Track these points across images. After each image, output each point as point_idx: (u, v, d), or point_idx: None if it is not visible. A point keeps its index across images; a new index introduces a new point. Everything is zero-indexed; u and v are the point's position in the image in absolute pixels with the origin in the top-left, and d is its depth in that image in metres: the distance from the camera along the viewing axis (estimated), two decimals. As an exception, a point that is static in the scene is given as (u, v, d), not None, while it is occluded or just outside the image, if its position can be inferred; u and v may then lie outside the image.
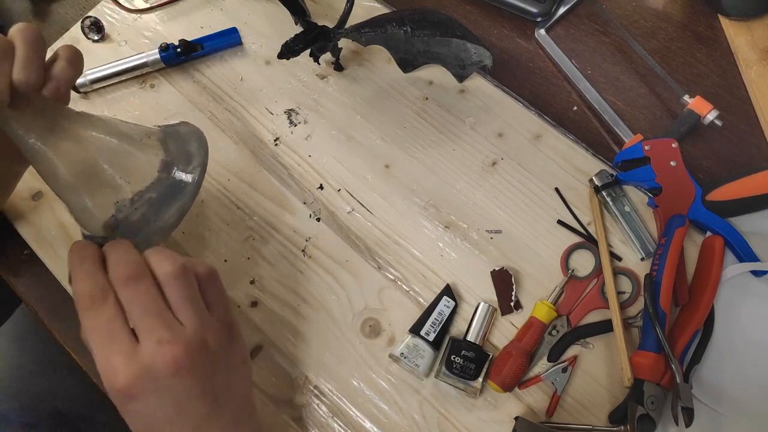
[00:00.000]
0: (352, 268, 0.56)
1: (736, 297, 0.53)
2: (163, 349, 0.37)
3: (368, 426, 0.51)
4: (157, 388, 0.37)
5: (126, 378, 0.37)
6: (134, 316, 0.38)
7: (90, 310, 0.38)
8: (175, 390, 0.38)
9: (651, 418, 0.46)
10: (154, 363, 0.37)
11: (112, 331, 0.37)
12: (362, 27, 0.56)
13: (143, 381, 0.37)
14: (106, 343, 0.37)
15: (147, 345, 0.37)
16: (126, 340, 0.37)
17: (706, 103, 0.60)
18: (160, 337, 0.37)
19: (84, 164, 0.45)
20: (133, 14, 0.70)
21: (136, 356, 0.37)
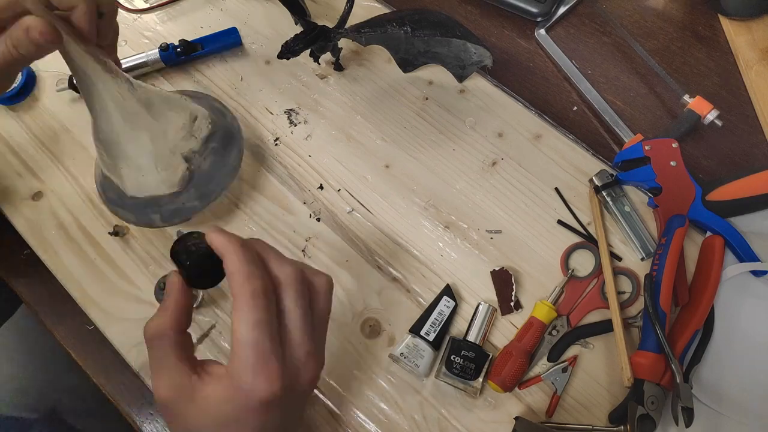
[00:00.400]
0: (352, 268, 0.56)
1: (736, 297, 0.53)
2: (309, 363, 0.35)
3: (368, 426, 0.51)
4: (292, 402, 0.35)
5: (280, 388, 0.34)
6: (293, 322, 0.35)
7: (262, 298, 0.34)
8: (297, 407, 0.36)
9: (651, 418, 0.46)
10: (299, 377, 0.35)
11: (274, 331, 0.34)
12: (362, 27, 0.56)
13: (288, 392, 0.34)
14: (267, 346, 0.34)
15: (296, 356, 0.35)
16: (278, 344, 0.35)
17: (706, 103, 0.60)
18: (309, 350, 0.35)
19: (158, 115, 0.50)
20: (133, 14, 0.70)
21: (287, 367, 0.34)
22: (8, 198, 0.59)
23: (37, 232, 0.58)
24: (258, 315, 0.34)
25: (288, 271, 0.36)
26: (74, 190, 0.60)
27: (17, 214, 0.59)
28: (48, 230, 0.58)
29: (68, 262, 0.57)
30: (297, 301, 0.36)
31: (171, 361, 0.35)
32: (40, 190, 0.60)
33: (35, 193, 0.60)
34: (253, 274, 0.35)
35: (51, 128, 0.63)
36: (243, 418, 0.34)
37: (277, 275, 0.36)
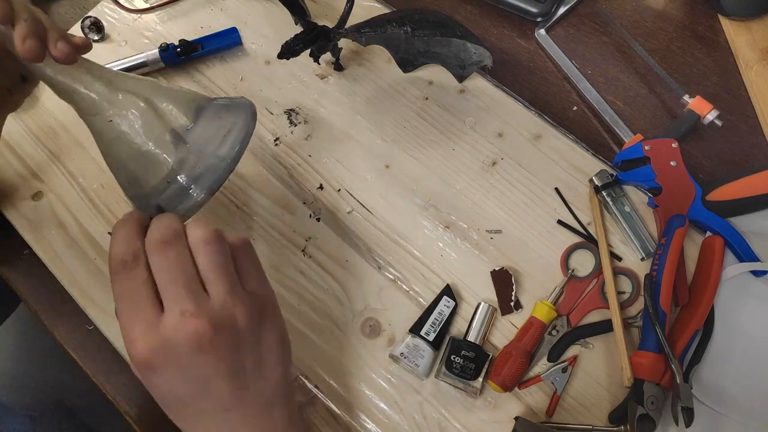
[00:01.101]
0: (352, 268, 0.56)
1: (736, 297, 0.53)
2: (186, 321, 0.35)
3: (368, 426, 0.51)
4: (178, 363, 0.36)
5: (145, 349, 0.35)
6: (161, 284, 0.36)
7: (120, 273, 0.36)
8: (197, 367, 0.36)
9: (651, 418, 0.46)
10: (175, 336, 0.35)
11: (137, 298, 0.36)
12: (362, 27, 0.56)
13: (163, 354, 0.35)
14: (131, 311, 0.36)
15: (170, 316, 0.35)
16: (150, 308, 0.36)
17: (706, 103, 0.60)
18: (184, 308, 0.35)
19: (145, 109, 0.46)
20: (133, 14, 0.70)
21: (158, 327, 0.35)
22: (8, 198, 0.59)
23: (37, 232, 0.58)
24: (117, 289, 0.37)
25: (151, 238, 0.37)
26: (74, 190, 0.60)
27: (17, 214, 0.59)
28: (48, 230, 0.58)
29: (68, 262, 0.57)
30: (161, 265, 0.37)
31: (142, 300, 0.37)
32: (40, 190, 0.60)
33: (35, 193, 0.60)
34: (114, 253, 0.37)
35: (51, 128, 0.63)
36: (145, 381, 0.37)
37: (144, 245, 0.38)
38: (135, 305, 0.36)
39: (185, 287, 0.36)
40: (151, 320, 0.35)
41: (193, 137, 0.46)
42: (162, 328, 0.35)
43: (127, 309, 0.36)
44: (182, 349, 0.35)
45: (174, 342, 0.35)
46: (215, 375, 0.36)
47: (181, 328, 0.35)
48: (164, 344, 0.35)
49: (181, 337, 0.35)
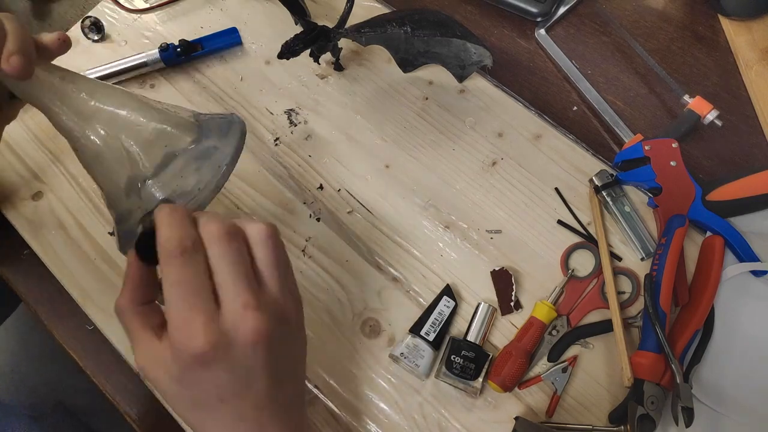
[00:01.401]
0: (352, 268, 0.56)
1: (736, 297, 0.53)
2: (248, 315, 0.34)
3: (368, 426, 0.51)
4: (233, 357, 0.34)
5: (206, 342, 0.33)
6: (222, 276, 0.35)
7: (178, 258, 0.34)
8: (248, 362, 0.35)
9: (651, 418, 0.46)
10: (236, 329, 0.34)
11: (198, 287, 0.34)
12: (362, 27, 0.56)
13: (222, 348, 0.34)
14: (189, 300, 0.34)
15: (231, 309, 0.34)
16: (210, 300, 0.34)
17: (706, 103, 0.60)
18: (247, 301, 0.34)
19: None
20: (133, 14, 0.70)
21: (218, 320, 0.34)
22: (8, 198, 0.59)
23: (37, 232, 0.58)
24: (174, 276, 0.34)
25: (211, 228, 0.35)
26: (74, 190, 0.60)
27: (17, 214, 0.59)
28: (48, 230, 0.58)
29: (68, 262, 0.57)
30: (223, 257, 0.35)
31: (135, 330, 0.36)
32: (40, 190, 0.60)
33: (35, 193, 0.60)
34: (171, 237, 0.34)
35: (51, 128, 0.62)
36: (187, 377, 0.35)
37: (201, 235, 0.35)
38: (195, 295, 0.34)
39: (247, 281, 0.35)
40: (212, 312, 0.34)
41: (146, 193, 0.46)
42: (223, 322, 0.34)
43: (186, 299, 0.34)
44: (241, 342, 0.34)
45: (234, 336, 0.34)
46: (261, 371, 0.36)
47: (243, 322, 0.34)
48: (225, 338, 0.34)
49: (241, 331, 0.34)
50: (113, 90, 0.47)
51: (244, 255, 0.36)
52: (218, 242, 0.35)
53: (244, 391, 0.36)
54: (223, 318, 0.34)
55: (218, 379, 0.35)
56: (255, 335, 0.34)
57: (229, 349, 0.34)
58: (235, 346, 0.34)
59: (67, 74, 0.45)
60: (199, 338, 0.33)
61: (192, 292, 0.34)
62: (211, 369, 0.34)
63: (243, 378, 0.35)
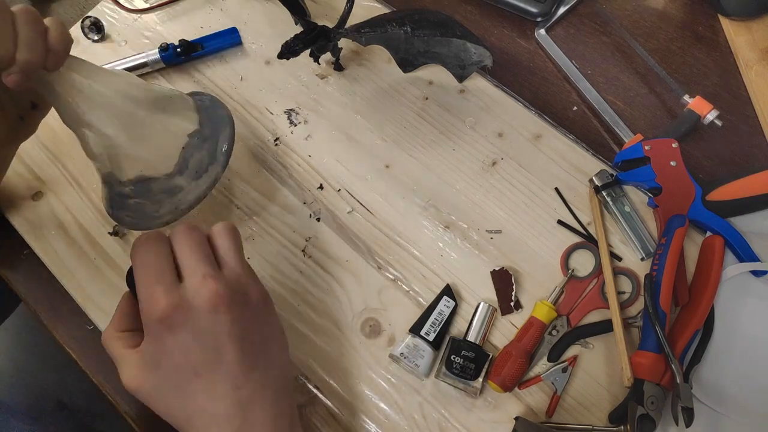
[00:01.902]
0: (352, 268, 0.56)
1: (736, 297, 0.53)
2: (206, 282, 0.38)
3: (368, 426, 0.51)
4: (196, 323, 0.38)
5: (165, 306, 0.37)
6: (183, 255, 0.39)
7: (144, 245, 0.39)
8: (212, 326, 0.38)
9: (651, 418, 0.46)
10: (195, 295, 0.38)
11: (160, 266, 0.39)
12: (362, 27, 0.56)
13: (183, 311, 0.38)
14: (152, 276, 0.38)
15: (190, 280, 0.38)
16: (171, 275, 0.39)
17: (706, 103, 0.60)
18: (205, 272, 0.39)
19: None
20: (133, 14, 0.70)
21: (179, 289, 0.38)
22: (8, 198, 0.59)
23: (37, 232, 0.58)
24: (140, 259, 0.39)
25: (175, 228, 0.41)
26: (74, 190, 0.60)
27: (17, 214, 0.59)
28: (48, 230, 0.58)
29: (68, 262, 0.57)
30: (183, 242, 0.40)
31: (119, 352, 0.41)
32: (40, 190, 0.60)
33: (35, 193, 0.60)
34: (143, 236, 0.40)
35: (51, 128, 0.63)
36: (158, 350, 0.39)
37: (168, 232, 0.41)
38: (158, 272, 0.39)
39: (206, 259, 0.40)
40: (172, 283, 0.38)
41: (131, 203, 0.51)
42: (183, 289, 0.38)
43: (149, 273, 0.39)
44: (201, 308, 0.38)
45: (193, 300, 0.38)
46: (227, 338, 0.39)
47: (201, 287, 0.38)
48: (184, 302, 0.38)
49: (200, 296, 0.38)
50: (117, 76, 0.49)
51: (204, 242, 0.41)
52: (180, 231, 0.41)
53: (215, 361, 0.38)
54: (184, 288, 0.38)
55: (186, 346, 0.38)
56: (214, 298, 0.38)
57: (191, 313, 0.38)
58: (198, 309, 0.38)
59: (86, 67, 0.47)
60: (161, 301, 0.37)
61: (155, 270, 0.39)
62: (175, 333, 0.38)
63: (210, 345, 0.38)
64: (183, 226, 0.41)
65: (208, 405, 0.39)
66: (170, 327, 0.38)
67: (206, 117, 0.52)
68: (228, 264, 0.41)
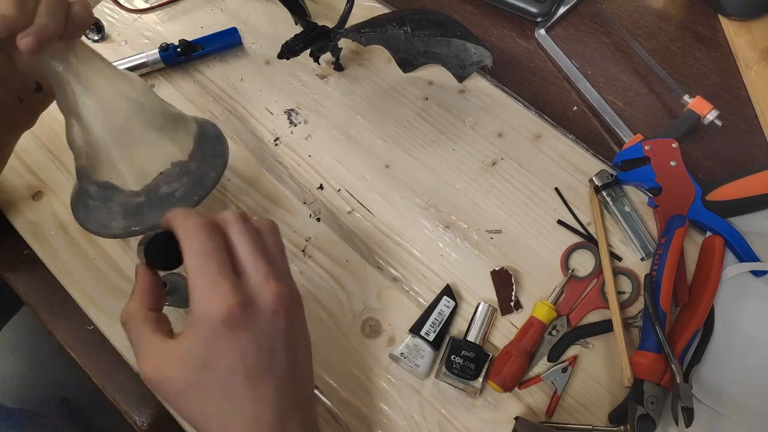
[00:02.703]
0: (352, 268, 0.56)
1: (736, 297, 0.53)
2: (271, 283, 0.36)
3: (368, 426, 0.51)
4: (258, 325, 0.36)
5: (233, 305, 0.35)
6: (243, 250, 0.37)
7: (200, 231, 0.36)
8: (271, 330, 0.36)
9: (651, 418, 0.46)
10: (261, 295, 0.36)
11: (221, 257, 0.36)
12: (362, 27, 0.56)
13: (249, 312, 0.35)
14: (214, 268, 0.35)
15: (254, 278, 0.36)
16: (232, 270, 0.36)
17: (706, 103, 0.60)
18: (268, 271, 0.37)
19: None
20: (133, 14, 0.70)
21: (243, 286, 0.36)
22: (8, 198, 0.59)
23: (37, 232, 0.58)
24: (198, 246, 0.36)
25: (224, 214, 0.38)
26: (74, 190, 0.60)
27: (17, 214, 0.59)
28: (48, 230, 0.58)
29: (68, 262, 0.57)
30: (243, 234, 0.37)
31: (145, 336, 0.37)
32: (40, 190, 0.60)
33: (35, 193, 0.60)
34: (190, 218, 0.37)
35: (51, 128, 0.63)
36: (214, 350, 0.35)
37: (218, 219, 0.38)
38: (220, 263, 0.36)
39: (265, 255, 0.38)
40: (235, 280, 0.36)
41: None
42: (248, 288, 0.36)
43: (211, 266, 0.35)
44: (264, 308, 0.36)
45: (259, 301, 0.36)
46: (283, 345, 0.37)
47: (266, 288, 0.36)
48: (250, 303, 0.36)
49: (265, 297, 0.36)
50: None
51: (258, 235, 0.38)
52: (235, 222, 0.38)
53: (269, 367, 0.37)
54: (246, 285, 0.36)
55: (245, 349, 0.36)
56: (278, 301, 0.36)
57: (254, 313, 0.36)
58: (260, 311, 0.36)
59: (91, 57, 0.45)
60: (229, 298, 0.35)
61: (216, 261, 0.36)
62: (238, 334, 0.35)
63: (267, 349, 0.36)
64: (238, 215, 0.38)
65: (253, 410, 0.36)
66: (233, 327, 0.35)
67: (200, 151, 0.50)
68: (278, 264, 0.39)
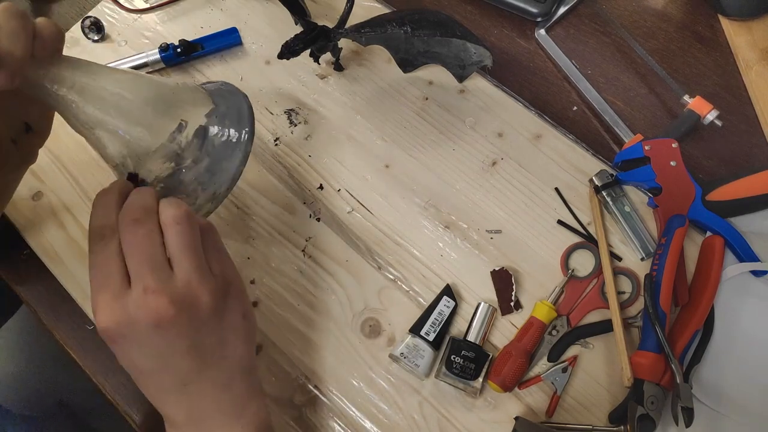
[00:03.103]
0: (352, 268, 0.56)
1: (736, 297, 0.53)
2: (147, 298, 0.36)
3: (368, 426, 0.51)
4: (138, 338, 0.37)
5: (107, 320, 0.36)
6: (130, 260, 0.37)
7: (96, 244, 0.38)
8: (156, 343, 0.37)
9: (651, 418, 0.46)
10: (137, 311, 0.36)
11: (108, 270, 0.37)
12: (362, 27, 0.56)
13: (123, 327, 0.36)
14: (101, 281, 0.37)
15: (133, 291, 0.37)
16: (118, 281, 0.37)
17: (706, 103, 0.60)
18: (147, 285, 0.36)
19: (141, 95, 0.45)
20: (133, 14, 0.70)
21: (122, 300, 0.36)
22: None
23: (37, 232, 0.58)
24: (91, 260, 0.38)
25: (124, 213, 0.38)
26: (74, 190, 0.60)
27: (17, 214, 0.59)
28: (48, 230, 0.58)
29: (68, 262, 0.57)
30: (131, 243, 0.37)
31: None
32: (40, 190, 0.60)
33: (35, 193, 0.60)
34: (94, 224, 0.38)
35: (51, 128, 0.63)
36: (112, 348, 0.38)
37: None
38: (105, 277, 0.37)
39: (149, 265, 0.37)
40: (117, 292, 0.36)
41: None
42: (125, 302, 0.36)
43: (97, 279, 0.37)
44: (142, 324, 0.36)
45: (135, 317, 0.36)
46: (173, 352, 0.38)
47: (142, 304, 0.36)
48: (126, 318, 0.36)
49: (141, 313, 0.36)
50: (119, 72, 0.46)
51: (152, 240, 0.38)
52: (126, 229, 0.37)
53: (163, 369, 0.38)
54: (127, 299, 0.37)
55: (131, 356, 0.38)
56: (156, 317, 0.36)
57: (133, 329, 0.36)
58: (139, 327, 0.36)
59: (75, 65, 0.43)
60: (102, 314, 0.36)
61: (103, 274, 0.37)
62: (120, 345, 0.37)
63: (156, 357, 0.38)
64: (132, 214, 0.38)
65: (156, 396, 0.39)
66: (113, 340, 0.37)
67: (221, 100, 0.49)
68: (177, 267, 0.38)
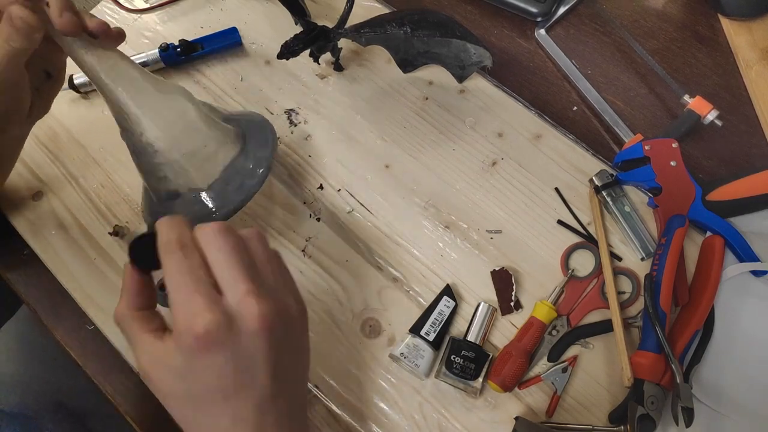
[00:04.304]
0: (352, 268, 0.56)
1: (736, 297, 0.53)
2: (251, 300, 0.34)
3: (368, 426, 0.51)
4: (236, 343, 0.34)
5: (209, 323, 0.33)
6: (220, 267, 0.35)
7: (178, 251, 0.35)
8: (251, 349, 0.35)
9: (651, 418, 0.46)
10: (239, 313, 0.34)
11: (198, 275, 0.35)
12: (362, 27, 0.56)
13: (225, 330, 0.34)
14: (190, 287, 0.34)
15: (233, 295, 0.35)
16: (210, 288, 0.35)
17: (706, 103, 0.60)
18: (249, 288, 0.35)
19: None
20: (133, 14, 0.70)
21: (221, 304, 0.34)
22: (8, 198, 0.59)
23: (37, 232, 0.58)
24: (175, 266, 0.35)
25: (205, 228, 0.37)
26: (74, 190, 0.60)
27: (17, 214, 0.59)
28: (48, 230, 0.58)
29: (68, 262, 0.57)
30: (221, 250, 0.36)
31: (136, 335, 0.37)
32: (40, 190, 0.60)
33: (35, 193, 0.60)
34: (169, 236, 0.36)
35: (51, 128, 0.63)
36: (190, 366, 0.34)
37: (197, 236, 0.37)
38: (197, 281, 0.35)
39: (247, 270, 0.36)
40: (214, 297, 0.34)
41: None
42: (226, 305, 0.34)
43: (186, 285, 0.34)
44: (244, 327, 0.34)
45: (238, 318, 0.34)
46: (264, 363, 0.35)
47: (246, 306, 0.34)
48: (227, 320, 0.34)
49: (244, 316, 0.34)
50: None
51: (241, 248, 0.37)
52: (215, 238, 0.36)
53: (247, 386, 0.35)
54: (226, 302, 0.35)
55: (221, 368, 0.35)
56: (259, 320, 0.34)
57: (232, 332, 0.34)
58: (239, 330, 0.34)
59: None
60: (205, 316, 0.33)
61: (193, 279, 0.35)
62: (214, 353, 0.34)
63: (246, 369, 0.35)
64: (214, 227, 0.36)
65: (230, 427, 0.35)
66: (209, 346, 0.34)
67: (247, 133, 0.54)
68: (266, 277, 0.37)
